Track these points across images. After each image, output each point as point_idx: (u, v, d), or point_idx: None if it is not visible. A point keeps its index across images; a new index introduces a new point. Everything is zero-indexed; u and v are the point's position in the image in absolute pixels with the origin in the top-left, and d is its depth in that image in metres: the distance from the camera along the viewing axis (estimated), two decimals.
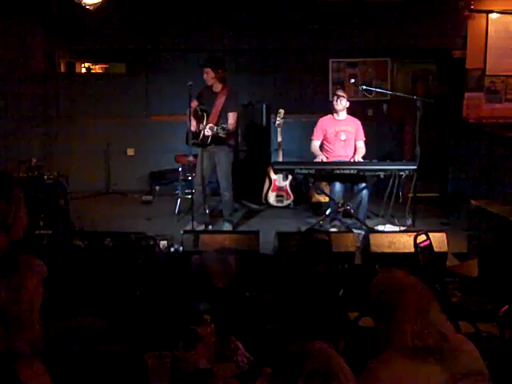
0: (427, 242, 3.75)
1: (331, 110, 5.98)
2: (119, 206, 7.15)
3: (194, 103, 5.49)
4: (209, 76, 5.44)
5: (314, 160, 5.92)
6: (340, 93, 5.92)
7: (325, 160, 5.77)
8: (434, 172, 7.20)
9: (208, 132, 5.32)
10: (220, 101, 5.48)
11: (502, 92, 7.22)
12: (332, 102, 5.95)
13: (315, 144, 5.96)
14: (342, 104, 5.82)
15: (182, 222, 5.92)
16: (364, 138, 5.92)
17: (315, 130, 5.97)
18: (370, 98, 6.80)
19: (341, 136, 5.89)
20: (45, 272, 1.81)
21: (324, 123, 5.94)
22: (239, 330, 2.59)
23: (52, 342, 2.08)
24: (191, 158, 5.50)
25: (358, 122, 5.95)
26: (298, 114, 7.55)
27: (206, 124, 5.40)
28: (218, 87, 5.51)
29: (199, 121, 5.46)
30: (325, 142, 5.96)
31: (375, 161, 5.79)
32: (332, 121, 5.92)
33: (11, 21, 6.95)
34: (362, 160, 5.76)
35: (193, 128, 5.44)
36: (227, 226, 5.68)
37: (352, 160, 5.77)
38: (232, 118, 5.45)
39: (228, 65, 7.69)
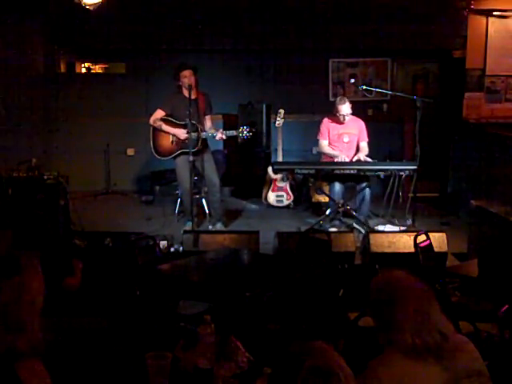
0: (427, 242, 3.75)
1: (332, 110, 5.96)
2: (119, 206, 7.15)
3: (161, 113, 5.54)
4: (191, 79, 5.37)
5: (322, 160, 5.94)
6: (344, 112, 5.73)
7: (346, 159, 5.71)
8: (434, 172, 7.20)
9: (222, 138, 5.51)
10: (201, 106, 5.53)
11: (502, 92, 7.22)
12: (335, 107, 5.81)
13: (324, 144, 5.92)
14: (346, 119, 5.79)
15: (182, 221, 5.92)
16: (367, 139, 5.91)
17: (321, 129, 5.93)
18: (370, 98, 6.81)
19: (344, 138, 5.87)
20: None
21: (328, 123, 5.91)
22: (239, 329, 2.59)
23: (52, 341, 2.08)
24: (192, 158, 5.50)
25: (362, 123, 5.91)
26: (298, 114, 7.55)
27: (206, 132, 5.47)
28: (194, 93, 5.43)
29: (191, 129, 5.37)
30: (328, 142, 5.94)
31: (375, 161, 5.79)
32: (336, 122, 5.89)
33: (11, 21, 6.95)
34: (365, 158, 5.76)
35: (182, 136, 5.45)
36: (221, 226, 5.71)
37: (356, 159, 5.76)
38: (210, 120, 5.66)
39: (228, 65, 7.78)
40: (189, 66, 5.44)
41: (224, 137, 5.53)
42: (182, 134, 5.44)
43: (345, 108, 5.73)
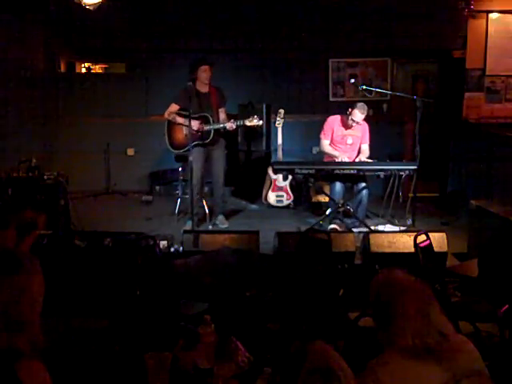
0: (427, 242, 3.74)
1: (331, 110, 5.95)
2: (119, 205, 7.15)
3: (175, 107, 5.66)
4: (208, 74, 5.57)
5: (324, 159, 5.94)
6: (357, 119, 5.62)
7: (346, 160, 5.70)
8: (434, 172, 7.20)
9: (230, 128, 5.56)
10: (215, 99, 5.65)
11: (501, 92, 7.22)
12: (351, 110, 5.67)
13: (326, 143, 5.90)
14: (354, 125, 5.73)
15: (182, 221, 5.92)
16: (368, 142, 5.89)
17: (325, 128, 5.89)
18: (370, 97, 6.80)
19: (347, 140, 5.85)
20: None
21: (333, 123, 5.87)
22: (239, 329, 2.59)
23: (52, 342, 2.08)
24: (191, 158, 5.51)
25: (366, 126, 5.86)
26: (297, 114, 7.55)
27: (217, 122, 5.57)
28: (206, 87, 5.64)
29: (203, 122, 5.54)
30: (330, 142, 5.93)
31: (375, 161, 5.78)
32: (341, 123, 5.84)
33: (11, 21, 6.95)
34: (366, 160, 5.75)
35: (195, 127, 5.51)
36: (222, 218, 5.85)
37: (357, 160, 5.75)
38: (224, 112, 5.76)
39: (228, 65, 7.78)
40: (208, 61, 5.61)
41: (234, 126, 5.60)
42: (196, 124, 5.53)
43: (360, 116, 5.62)
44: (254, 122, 5.56)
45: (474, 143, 6.49)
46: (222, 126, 5.58)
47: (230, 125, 5.55)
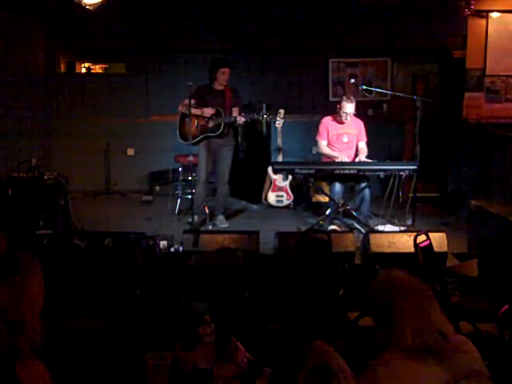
0: (427, 242, 3.75)
1: (331, 110, 5.96)
2: (119, 205, 7.15)
3: (187, 101, 5.65)
4: (227, 77, 5.68)
5: (322, 160, 5.94)
6: (348, 110, 5.70)
7: (346, 160, 5.72)
8: (434, 172, 7.19)
9: (241, 121, 5.64)
10: (229, 97, 5.74)
11: (502, 92, 7.21)
12: (340, 104, 5.77)
13: (323, 144, 5.92)
14: (347, 118, 5.78)
15: (182, 221, 5.92)
16: (366, 139, 5.91)
17: (320, 129, 5.92)
18: (370, 97, 6.80)
19: (343, 138, 5.87)
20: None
21: (327, 123, 5.90)
22: (239, 329, 2.59)
23: (52, 341, 2.08)
24: (191, 158, 5.52)
25: (361, 123, 5.91)
26: (297, 114, 7.54)
27: (229, 116, 5.64)
28: (222, 87, 5.73)
29: (216, 115, 5.65)
30: (327, 143, 5.94)
31: (375, 161, 5.78)
32: (335, 122, 5.88)
33: (11, 21, 6.95)
34: (366, 160, 5.76)
35: (209, 113, 5.64)
36: (223, 218, 5.87)
37: (357, 160, 5.76)
38: (237, 112, 5.80)
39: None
40: (229, 63, 5.71)
41: (243, 119, 5.65)
42: (208, 110, 5.64)
43: (349, 107, 5.70)
44: (265, 117, 5.65)
45: (473, 143, 6.49)
46: (232, 118, 5.63)
47: (241, 118, 5.61)
